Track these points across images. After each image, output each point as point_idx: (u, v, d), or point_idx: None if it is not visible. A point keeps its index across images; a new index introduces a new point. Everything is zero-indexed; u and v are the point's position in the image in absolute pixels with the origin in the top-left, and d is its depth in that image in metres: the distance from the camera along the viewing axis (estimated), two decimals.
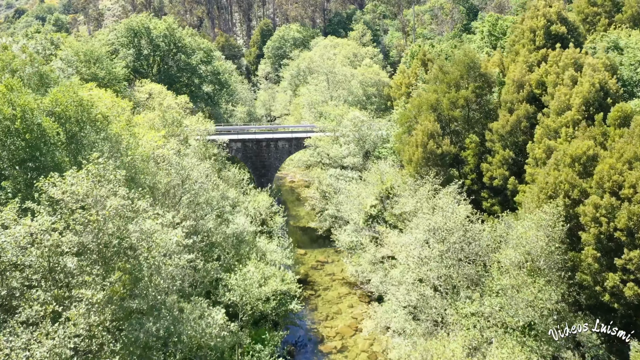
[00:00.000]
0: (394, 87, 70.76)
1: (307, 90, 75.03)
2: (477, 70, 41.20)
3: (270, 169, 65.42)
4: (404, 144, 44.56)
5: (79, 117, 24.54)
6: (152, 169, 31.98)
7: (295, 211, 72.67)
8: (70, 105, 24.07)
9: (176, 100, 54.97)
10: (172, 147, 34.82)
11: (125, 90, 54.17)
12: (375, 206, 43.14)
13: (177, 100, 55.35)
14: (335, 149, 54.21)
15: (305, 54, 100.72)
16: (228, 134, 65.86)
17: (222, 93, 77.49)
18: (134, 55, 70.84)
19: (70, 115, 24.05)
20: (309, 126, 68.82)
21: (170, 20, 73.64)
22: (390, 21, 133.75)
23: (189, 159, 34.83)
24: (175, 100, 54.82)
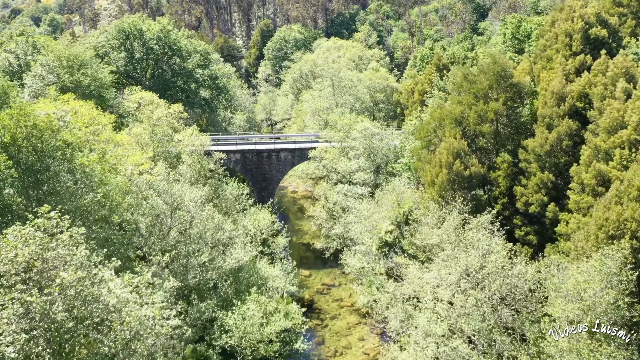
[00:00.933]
0: (404, 93, 65.49)
1: (311, 96, 69.70)
2: (509, 79, 35.92)
3: (271, 182, 60.15)
4: (422, 162, 39.33)
5: (36, 146, 19.34)
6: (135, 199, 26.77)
7: (299, 225, 67.42)
8: (19, 132, 18.85)
9: (169, 109, 49.66)
10: (160, 171, 29.57)
11: (113, 99, 48.87)
12: (391, 232, 37.90)
13: (171, 109, 50.05)
14: (343, 163, 48.96)
15: (307, 56, 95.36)
16: (226, 144, 60.54)
17: (220, 99, 72.14)
18: (126, 58, 65.49)
19: (21, 145, 18.85)
20: (313, 135, 63.50)
21: (164, 22, 68.25)
22: (394, 22, 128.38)
23: (180, 185, 29.60)
24: (168, 109, 49.53)
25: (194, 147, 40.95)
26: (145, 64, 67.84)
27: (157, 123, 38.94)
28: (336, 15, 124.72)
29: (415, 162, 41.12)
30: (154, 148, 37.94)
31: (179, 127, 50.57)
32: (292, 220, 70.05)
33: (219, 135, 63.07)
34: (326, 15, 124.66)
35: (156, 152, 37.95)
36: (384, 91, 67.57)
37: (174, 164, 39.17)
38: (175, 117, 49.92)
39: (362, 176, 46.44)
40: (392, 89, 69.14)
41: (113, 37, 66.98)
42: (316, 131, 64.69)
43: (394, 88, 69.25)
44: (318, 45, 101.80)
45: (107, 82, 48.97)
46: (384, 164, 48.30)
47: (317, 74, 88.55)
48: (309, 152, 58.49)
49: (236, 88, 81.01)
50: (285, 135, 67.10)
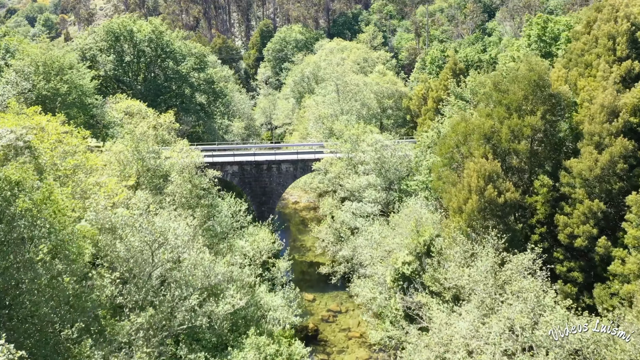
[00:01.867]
0: (415, 99, 60.29)
1: (314, 101, 64.46)
2: (547, 89, 30.74)
3: (272, 196, 54.96)
4: (444, 182, 34.17)
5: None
6: (108, 239, 21.60)
7: (301, 240, 62.26)
8: None
9: (159, 119, 44.47)
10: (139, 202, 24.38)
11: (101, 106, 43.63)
12: (409, 264, 32.72)
13: (161, 119, 44.85)
14: (351, 179, 43.78)
15: (309, 58, 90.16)
16: (222, 155, 55.31)
17: (217, 104, 66.90)
18: (115, 62, 60.23)
19: None
20: (316, 144, 58.31)
21: (156, 22, 62.98)
22: (398, 22, 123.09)
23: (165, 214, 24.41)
24: (157, 119, 44.33)
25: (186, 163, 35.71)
26: (136, 68, 62.58)
27: (142, 138, 33.73)
28: (338, 15, 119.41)
29: (434, 181, 35.93)
30: (137, 168, 32.75)
31: (170, 139, 45.40)
32: (293, 234, 64.91)
33: (215, 145, 57.87)
34: (328, 15, 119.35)
35: (140, 172, 32.77)
36: (392, 97, 62.37)
37: (160, 186, 34.00)
38: (165, 128, 44.74)
39: (373, 194, 41.26)
40: (400, 95, 63.96)
41: (101, 39, 61.73)
42: (320, 140, 59.50)
43: (402, 93, 64.07)
44: (320, 47, 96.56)
45: (90, 89, 43.72)
46: (396, 180, 43.13)
47: (319, 77, 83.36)
48: (312, 163, 53.34)
49: (234, 92, 75.71)
50: (287, 145, 61.88)
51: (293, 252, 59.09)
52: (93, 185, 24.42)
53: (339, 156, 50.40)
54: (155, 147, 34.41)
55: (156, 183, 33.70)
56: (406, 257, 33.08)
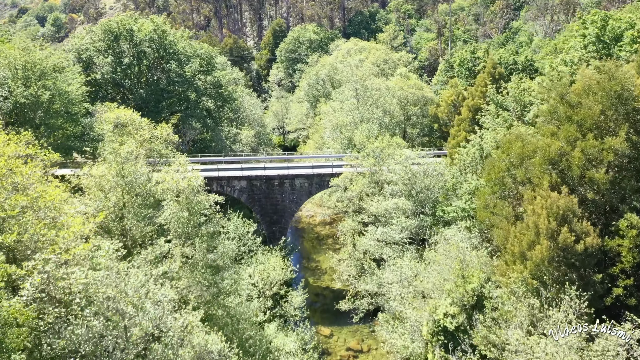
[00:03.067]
0: (444, 106, 53.56)
1: (331, 108, 57.95)
2: (631, 102, 24.02)
3: (284, 215, 48.61)
4: (494, 213, 27.61)
5: None
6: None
7: (315, 260, 55.84)
8: None
9: (155, 130, 38.29)
10: (112, 253, 18.15)
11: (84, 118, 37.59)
12: (453, 316, 26.22)
13: (158, 130, 38.68)
14: (377, 201, 37.28)
15: (324, 59, 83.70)
16: (229, 169, 49.02)
17: (225, 110, 60.70)
18: (113, 64, 54.23)
19: None
20: (334, 156, 51.92)
21: (159, 21, 56.87)
22: (416, 21, 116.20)
23: (140, 276, 18.13)
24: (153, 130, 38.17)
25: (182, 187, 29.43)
26: (137, 70, 56.55)
27: (129, 158, 27.55)
28: (354, 14, 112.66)
29: (480, 211, 29.34)
30: (121, 196, 26.62)
31: (168, 153, 39.24)
32: (307, 251, 58.57)
33: (222, 157, 51.64)
34: (344, 14, 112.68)
35: (125, 200, 26.65)
36: (418, 103, 55.74)
37: (150, 216, 27.83)
38: (163, 141, 38.57)
39: (403, 221, 34.73)
40: (426, 101, 57.29)
41: (99, 39, 55.79)
42: (338, 151, 53.02)
43: (428, 99, 57.39)
44: (336, 47, 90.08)
45: (78, 96, 37.69)
46: (429, 203, 36.55)
47: (336, 80, 76.87)
48: (330, 179, 46.98)
49: (244, 96, 69.39)
50: (301, 157, 55.44)
51: (307, 274, 52.82)
52: (50, 227, 18.20)
53: (359, 170, 43.99)
54: (145, 169, 28.19)
55: (145, 213, 27.50)
56: (449, 307, 26.55)
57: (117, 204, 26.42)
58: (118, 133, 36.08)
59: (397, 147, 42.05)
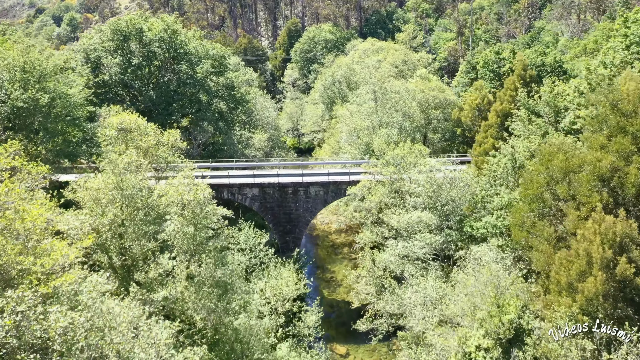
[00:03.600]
0: (468, 110, 50.40)
1: (347, 111, 55.06)
2: None
3: (298, 224, 45.87)
4: (532, 233, 24.58)
5: None
6: None
7: (330, 272, 52.98)
8: None
9: (161, 136, 35.79)
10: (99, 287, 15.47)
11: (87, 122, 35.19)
12: (487, 350, 23.22)
13: (164, 136, 36.18)
14: (398, 214, 34.32)
15: (340, 60, 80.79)
16: (240, 176, 46.39)
17: (238, 112, 58.09)
18: (121, 65, 51.91)
19: None
20: (351, 162, 49.05)
21: (169, 20, 54.43)
22: (434, 20, 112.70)
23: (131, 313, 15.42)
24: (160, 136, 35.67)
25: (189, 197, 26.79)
26: (147, 71, 54.19)
27: (129, 169, 24.98)
28: (371, 13, 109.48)
29: (516, 230, 26.28)
30: (121, 209, 24.06)
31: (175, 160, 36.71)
32: (322, 260, 55.76)
33: (233, 162, 49.04)
34: (360, 14, 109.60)
35: (124, 216, 24.08)
36: (439, 107, 52.64)
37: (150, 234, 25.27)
38: (169, 148, 36.05)
39: (427, 237, 31.75)
40: (448, 104, 54.15)
41: (108, 39, 53.52)
42: (355, 157, 50.12)
43: (451, 102, 54.24)
44: (352, 47, 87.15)
45: (80, 99, 35.30)
46: (454, 215, 33.51)
47: (352, 82, 73.95)
48: (347, 187, 44.17)
49: (257, 98, 66.73)
50: (316, 163, 52.59)
51: (322, 286, 50.06)
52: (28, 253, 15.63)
53: (378, 178, 41.11)
54: (147, 182, 25.61)
55: (146, 230, 24.91)
56: (482, 339, 23.55)
57: (114, 221, 23.86)
58: (121, 139, 33.58)
59: (420, 154, 39.06)
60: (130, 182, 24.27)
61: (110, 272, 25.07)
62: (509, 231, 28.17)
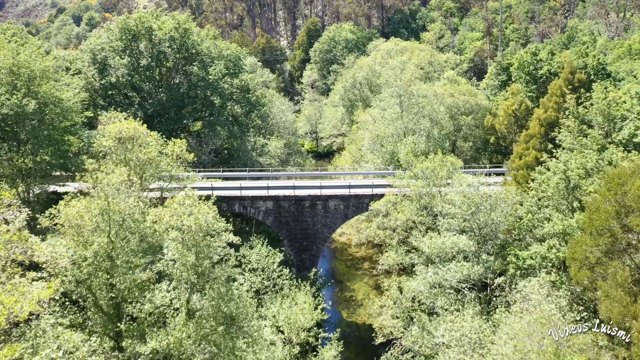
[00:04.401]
0: (503, 116, 45.68)
1: (370, 116, 50.69)
2: None
3: (315, 241, 41.72)
4: (600, 276, 20.07)
5: None
6: None
7: (350, 289, 48.75)
8: None
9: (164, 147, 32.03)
10: None
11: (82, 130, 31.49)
12: None
13: (169, 147, 32.40)
14: (431, 240, 29.89)
15: (361, 61, 76.33)
16: (253, 188, 42.36)
17: (253, 117, 54.16)
18: (130, 66, 48.32)
19: None
20: (373, 173, 44.75)
21: (182, 18, 50.65)
22: (458, 20, 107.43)
23: None
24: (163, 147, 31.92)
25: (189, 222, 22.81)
26: (157, 73, 50.54)
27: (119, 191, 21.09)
28: (394, 12, 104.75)
29: (576, 267, 21.73)
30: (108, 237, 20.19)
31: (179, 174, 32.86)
32: (341, 275, 51.56)
33: (246, 172, 45.06)
34: (382, 13, 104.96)
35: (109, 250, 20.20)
36: (470, 112, 48.00)
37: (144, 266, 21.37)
38: (175, 160, 32.23)
39: (466, 268, 27.32)
40: (479, 109, 49.43)
41: (116, 38, 50.02)
42: (378, 167, 45.78)
43: (482, 108, 49.51)
44: (374, 47, 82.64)
45: (76, 104, 31.62)
46: (494, 241, 29.02)
47: (374, 84, 69.55)
48: (369, 201, 39.94)
49: (274, 101, 62.70)
50: (336, 173, 48.32)
51: (340, 306, 45.88)
52: None
53: (404, 191, 36.80)
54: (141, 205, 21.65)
55: (136, 263, 20.97)
56: None
57: (99, 253, 19.98)
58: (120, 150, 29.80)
59: (452, 167, 34.59)
60: (119, 206, 20.36)
61: (93, 311, 21.21)
62: (565, 266, 23.64)
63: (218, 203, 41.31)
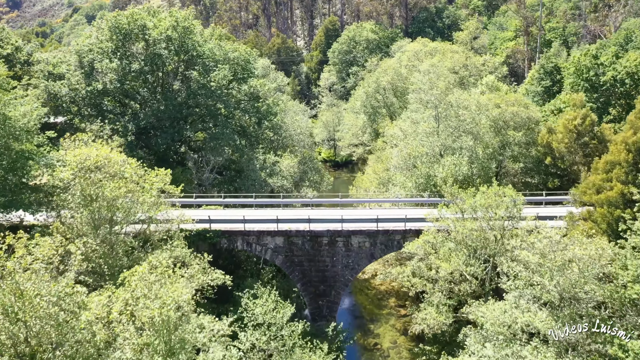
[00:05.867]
0: (563, 132, 37.36)
1: (400, 130, 42.60)
2: None
3: (335, 285, 33.83)
4: None
5: None
6: None
7: (373, 334, 40.53)
8: None
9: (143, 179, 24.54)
10: None
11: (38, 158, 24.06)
12: None
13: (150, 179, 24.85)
14: (492, 311, 21.88)
15: (385, 63, 68.24)
16: (259, 219, 34.47)
17: (263, 129, 46.48)
18: (120, 70, 40.91)
19: None
20: (404, 200, 36.82)
21: (180, 15, 43.09)
22: (486, 19, 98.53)
23: None
24: (141, 179, 24.43)
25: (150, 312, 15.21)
26: (152, 79, 43.08)
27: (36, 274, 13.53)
28: (418, 10, 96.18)
29: None
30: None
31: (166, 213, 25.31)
32: (363, 315, 43.47)
33: (253, 199, 37.32)
34: (406, 11, 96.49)
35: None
36: (521, 127, 39.68)
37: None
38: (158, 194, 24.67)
39: (544, 351, 19.22)
40: (530, 121, 40.99)
41: (106, 38, 42.71)
42: (410, 192, 37.68)
43: (534, 120, 41.09)
44: (399, 48, 74.37)
45: (29, 123, 24.18)
46: (583, 317, 20.91)
47: (400, 89, 61.50)
48: (401, 238, 32.03)
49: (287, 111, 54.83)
50: (360, 201, 40.23)
51: (363, 356, 37.95)
52: None
53: (441, 228, 28.88)
54: (78, 292, 14.10)
55: None
56: None
57: None
58: (83, 183, 22.28)
59: (515, 206, 26.46)
60: (35, 304, 12.77)
61: None
62: None
63: (217, 239, 33.99)
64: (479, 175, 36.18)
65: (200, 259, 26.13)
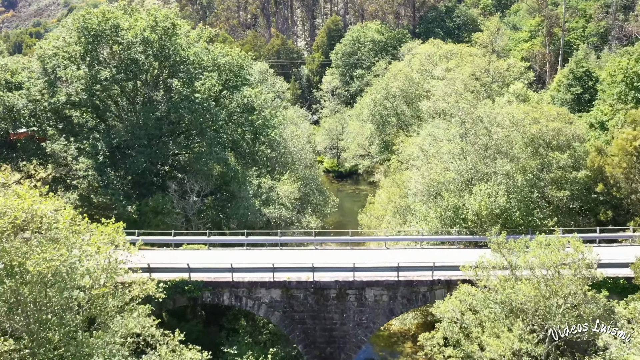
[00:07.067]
0: (619, 155, 30.50)
1: (421, 150, 35.67)
2: None
3: (344, 347, 26.96)
4: None
5: None
6: None
7: None
8: None
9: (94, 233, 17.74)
10: None
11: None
12: None
13: (100, 231, 18.08)
14: None
15: (395, 67, 61.27)
16: (251, 267, 27.53)
17: (258, 145, 39.65)
18: (88, 78, 34.02)
19: None
20: (428, 239, 29.98)
21: (160, 14, 36.13)
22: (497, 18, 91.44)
23: None
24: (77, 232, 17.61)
25: None
26: (129, 89, 36.14)
27: None
28: (427, 9, 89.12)
29: None
30: None
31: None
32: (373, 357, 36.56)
33: (244, 236, 30.40)
34: (414, 10, 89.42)
35: None
36: (564, 146, 32.81)
37: None
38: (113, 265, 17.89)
39: None
40: (572, 137, 34.08)
41: (74, 41, 35.83)
42: (435, 229, 30.76)
43: (576, 137, 34.20)
44: (409, 50, 67.38)
45: None
46: None
47: (410, 95, 54.69)
48: (427, 290, 25.27)
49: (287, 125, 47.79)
50: (373, 239, 33.19)
51: None
52: None
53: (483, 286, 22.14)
54: None
55: None
56: None
57: None
58: None
59: (584, 264, 19.65)
60: None
61: None
62: None
63: (198, 292, 27.21)
64: (517, 208, 29.33)
65: (171, 338, 19.42)
